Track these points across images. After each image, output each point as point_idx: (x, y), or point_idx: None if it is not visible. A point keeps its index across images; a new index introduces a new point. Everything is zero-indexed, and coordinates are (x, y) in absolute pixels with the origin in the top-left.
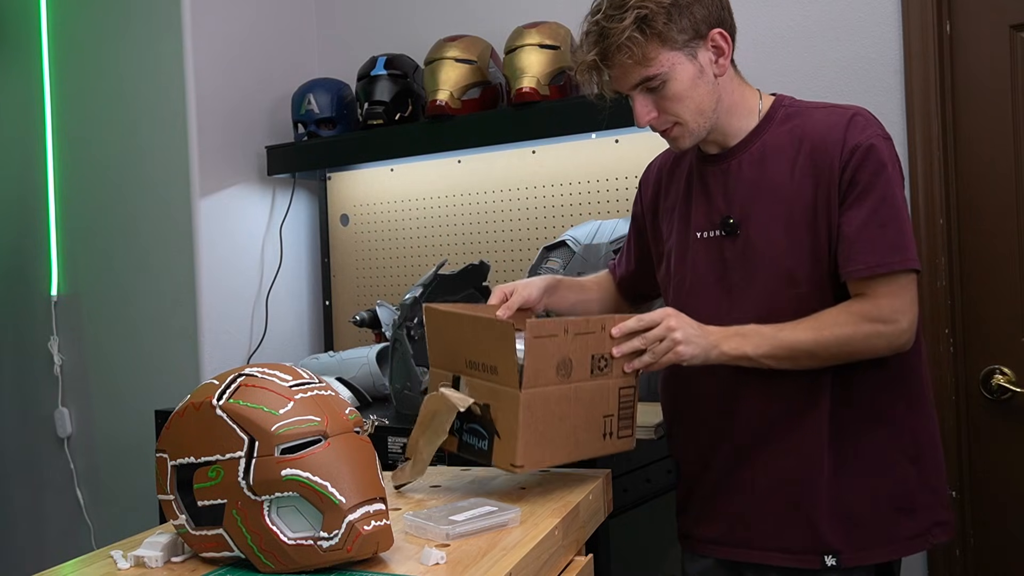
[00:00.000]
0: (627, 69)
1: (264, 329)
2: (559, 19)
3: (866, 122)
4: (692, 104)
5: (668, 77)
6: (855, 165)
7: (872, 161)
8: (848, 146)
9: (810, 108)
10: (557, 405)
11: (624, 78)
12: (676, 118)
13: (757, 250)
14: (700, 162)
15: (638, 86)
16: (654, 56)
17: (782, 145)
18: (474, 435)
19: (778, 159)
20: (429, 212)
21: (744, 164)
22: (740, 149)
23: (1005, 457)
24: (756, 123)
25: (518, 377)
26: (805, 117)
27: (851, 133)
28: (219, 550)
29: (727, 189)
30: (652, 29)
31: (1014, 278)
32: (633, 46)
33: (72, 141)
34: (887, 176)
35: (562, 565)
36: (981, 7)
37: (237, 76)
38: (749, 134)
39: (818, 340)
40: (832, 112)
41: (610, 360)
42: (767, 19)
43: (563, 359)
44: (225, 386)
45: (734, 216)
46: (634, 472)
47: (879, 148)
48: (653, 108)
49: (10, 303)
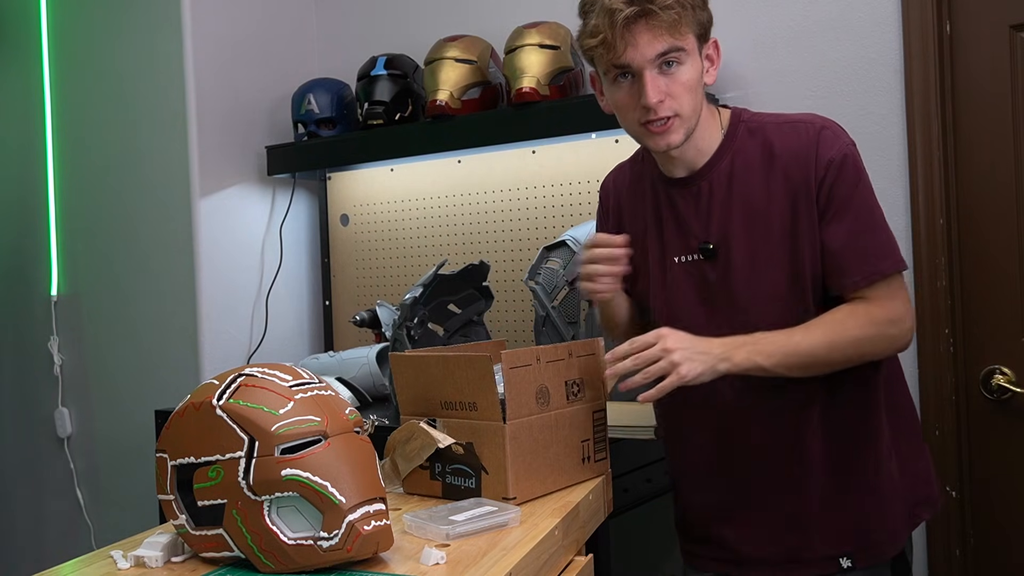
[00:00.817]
0: (660, 34)
1: (264, 329)
2: (559, 19)
3: (834, 135)
4: (694, 98)
5: (686, 59)
6: (831, 180)
7: (847, 174)
8: (822, 161)
9: (773, 122)
10: (540, 433)
11: (652, 45)
12: (679, 107)
13: (737, 270)
14: (666, 186)
15: (660, 57)
16: (686, 31)
17: (751, 161)
18: (459, 475)
19: (749, 176)
20: (429, 212)
21: (715, 185)
22: (708, 169)
23: (1005, 457)
24: (720, 139)
25: (501, 410)
26: (771, 132)
27: (823, 148)
28: (219, 550)
29: (700, 213)
30: (691, 3)
31: (1014, 278)
32: (680, 8)
33: (72, 141)
34: (863, 184)
35: (562, 565)
36: (981, 7)
37: (237, 76)
38: (715, 153)
39: (832, 343)
40: (798, 126)
41: (582, 385)
42: (767, 19)
43: (540, 387)
44: (225, 386)
45: (712, 240)
46: (634, 472)
47: (851, 158)
48: (663, 90)
49: (10, 303)
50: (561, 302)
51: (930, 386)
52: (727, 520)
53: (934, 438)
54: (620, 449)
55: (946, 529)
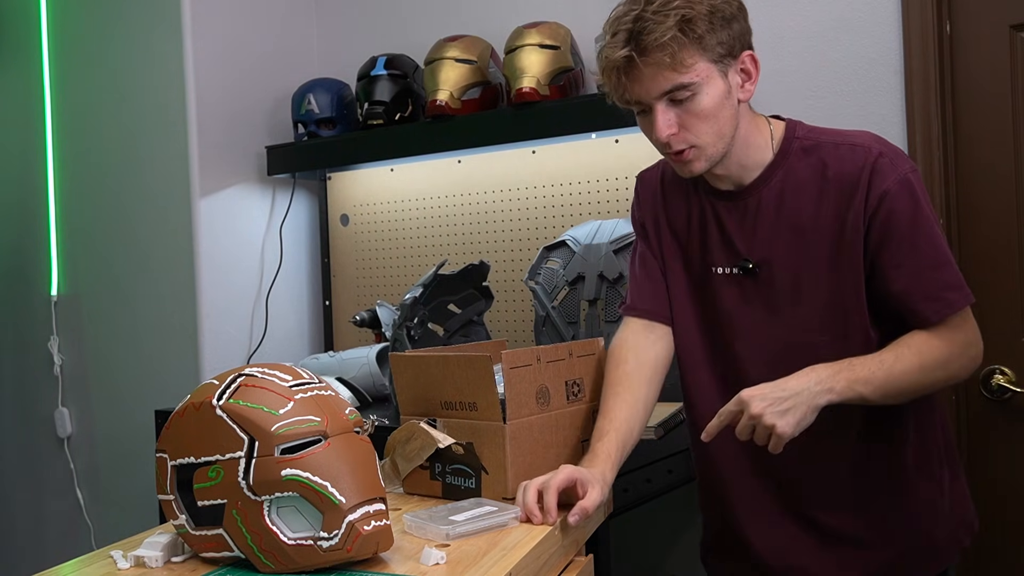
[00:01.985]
0: (660, 72)
1: (264, 329)
2: (559, 19)
3: (891, 164)
4: (716, 125)
5: (699, 89)
6: (885, 214)
7: (903, 207)
8: (875, 193)
9: (830, 142)
10: (540, 434)
11: (654, 82)
12: (696, 139)
13: (778, 292)
14: (712, 196)
15: (666, 95)
16: (691, 63)
17: (803, 182)
18: (459, 475)
19: (800, 197)
20: (429, 212)
21: (763, 203)
22: (758, 185)
23: (1005, 457)
24: (771, 156)
25: (501, 410)
26: (827, 152)
27: (876, 178)
28: (219, 550)
29: (745, 230)
30: (694, 33)
31: (1014, 278)
32: (673, 46)
33: (72, 141)
34: (921, 216)
35: (562, 565)
36: (981, 7)
37: (237, 76)
38: (766, 169)
39: (923, 365)
40: (856, 149)
41: (582, 385)
42: (767, 19)
43: (540, 387)
44: (225, 386)
45: (753, 259)
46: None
47: (907, 188)
48: (675, 123)
49: (10, 303)
50: (561, 302)
51: None
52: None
53: None
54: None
55: None
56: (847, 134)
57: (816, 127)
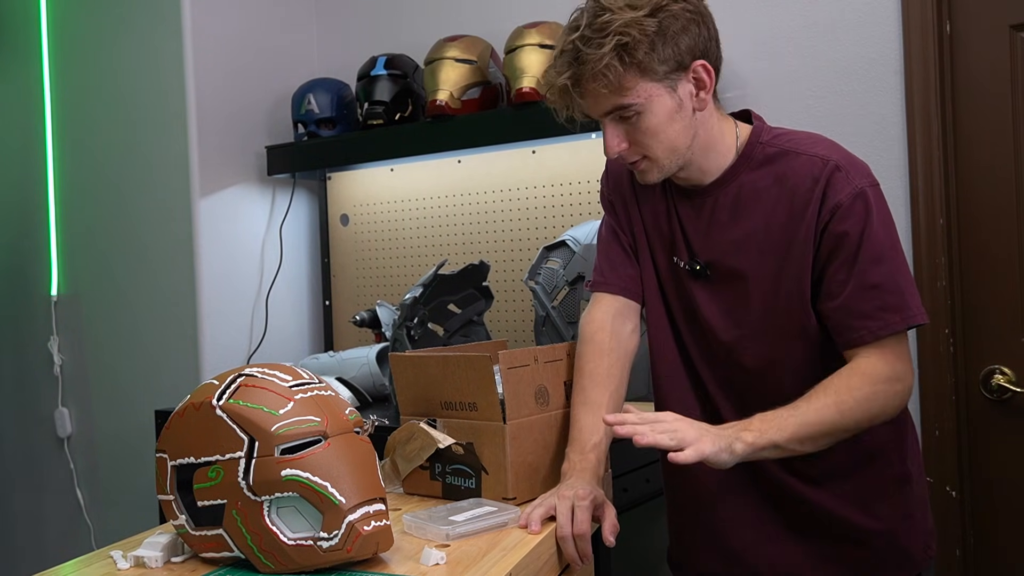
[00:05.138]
0: (600, 96)
1: (264, 329)
2: (559, 19)
3: (846, 177)
4: (666, 140)
5: (643, 109)
6: (836, 228)
7: (854, 222)
8: (827, 207)
9: (791, 150)
10: (540, 434)
11: (596, 104)
12: (646, 152)
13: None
14: (675, 190)
15: (610, 114)
16: (631, 86)
17: (760, 189)
18: (460, 475)
19: (756, 204)
20: (429, 212)
21: (719, 206)
22: (714, 189)
23: (1005, 457)
24: (732, 160)
25: (501, 410)
26: (787, 161)
27: (831, 191)
28: (219, 550)
29: (699, 230)
30: (632, 58)
31: (1014, 278)
32: (609, 74)
33: (72, 141)
34: (872, 233)
35: (562, 565)
36: (981, 7)
37: (237, 76)
38: (724, 172)
39: (840, 404)
40: (813, 160)
41: None
42: (767, 19)
43: (539, 387)
44: (225, 386)
45: (702, 259)
46: (634, 472)
47: (861, 205)
48: (624, 138)
49: (10, 303)
50: (561, 302)
51: (930, 386)
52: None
53: (934, 438)
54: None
55: (946, 529)
56: (811, 142)
57: (784, 132)
